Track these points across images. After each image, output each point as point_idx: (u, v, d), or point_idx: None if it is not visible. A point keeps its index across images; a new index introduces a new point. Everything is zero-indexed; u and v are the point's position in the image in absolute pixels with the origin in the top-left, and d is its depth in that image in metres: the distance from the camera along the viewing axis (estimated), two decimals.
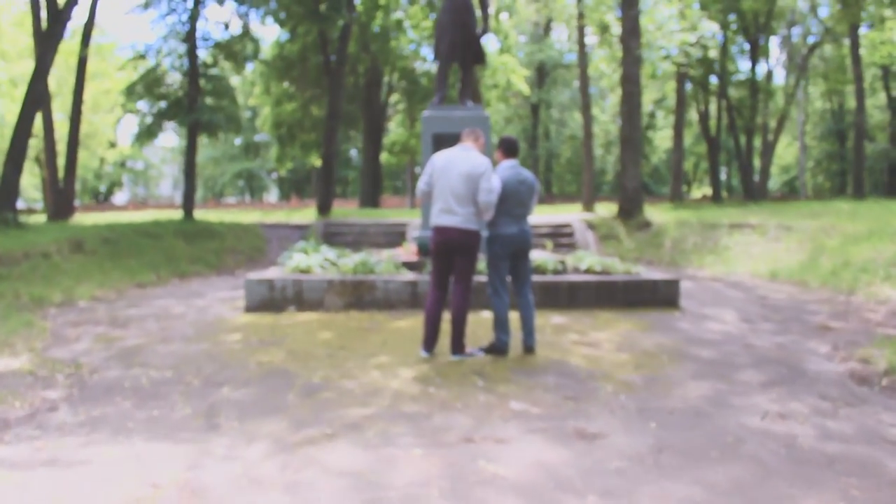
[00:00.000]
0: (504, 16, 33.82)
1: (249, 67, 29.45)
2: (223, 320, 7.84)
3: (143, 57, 16.97)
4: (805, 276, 10.84)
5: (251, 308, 8.38)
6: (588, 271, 9.08)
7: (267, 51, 29.36)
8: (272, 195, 61.29)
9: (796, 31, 35.00)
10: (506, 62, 30.19)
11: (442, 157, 5.92)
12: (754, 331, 7.20)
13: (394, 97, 33.82)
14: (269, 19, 20.17)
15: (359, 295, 8.35)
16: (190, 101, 16.33)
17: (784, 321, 7.73)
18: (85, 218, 21.60)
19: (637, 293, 8.56)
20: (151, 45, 16.84)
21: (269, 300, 8.38)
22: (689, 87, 28.86)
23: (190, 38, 16.45)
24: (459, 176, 5.75)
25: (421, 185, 6.05)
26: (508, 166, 6.10)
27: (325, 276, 8.59)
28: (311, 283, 8.38)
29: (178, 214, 19.64)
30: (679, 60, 18.13)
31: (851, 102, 45.58)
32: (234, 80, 45.50)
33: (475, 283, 6.62)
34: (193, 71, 16.47)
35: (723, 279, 11.92)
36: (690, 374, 5.48)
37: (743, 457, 3.78)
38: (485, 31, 10.48)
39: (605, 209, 22.25)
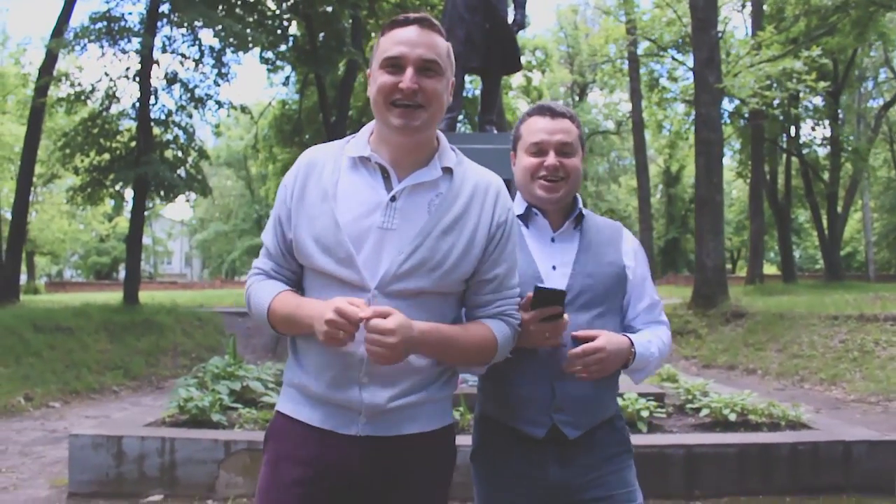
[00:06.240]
0: (536, 75, 30.64)
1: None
2: None
3: (82, 99, 13.45)
4: None
5: (79, 491, 4.42)
6: (713, 420, 5.00)
7: (270, 112, 26.40)
8: None
9: (865, 88, 31.16)
10: None
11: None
12: None
13: None
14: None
15: None
16: (138, 154, 12.72)
17: None
18: (39, 300, 17.95)
19: (814, 468, 4.48)
20: (96, 85, 13.42)
21: (115, 478, 4.42)
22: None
23: (143, 76, 12.99)
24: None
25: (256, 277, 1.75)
26: None
27: (223, 433, 4.63)
28: (194, 449, 4.42)
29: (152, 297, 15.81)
30: (766, 94, 14.26)
31: None
32: (239, 144, 42.93)
33: None
34: (144, 117, 12.91)
35: (886, 406, 7.77)
36: None
37: None
38: (520, 26, 6.77)
39: (669, 293, 18.01)
